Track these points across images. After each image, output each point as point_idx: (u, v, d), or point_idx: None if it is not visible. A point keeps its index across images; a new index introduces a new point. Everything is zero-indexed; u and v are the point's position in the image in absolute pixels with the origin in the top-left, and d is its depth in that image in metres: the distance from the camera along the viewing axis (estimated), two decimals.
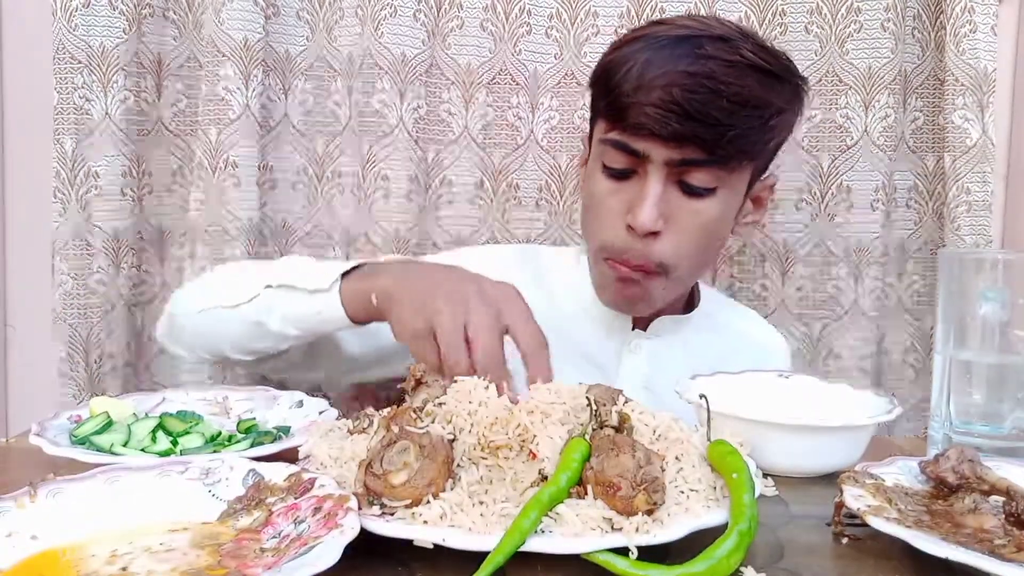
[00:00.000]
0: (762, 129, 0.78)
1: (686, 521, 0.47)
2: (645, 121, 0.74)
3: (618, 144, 0.78)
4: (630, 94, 0.76)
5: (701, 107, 0.73)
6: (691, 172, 0.77)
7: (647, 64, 0.76)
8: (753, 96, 0.75)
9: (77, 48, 1.06)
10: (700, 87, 0.73)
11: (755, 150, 0.79)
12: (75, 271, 1.08)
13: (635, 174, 0.79)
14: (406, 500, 0.46)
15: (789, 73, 0.81)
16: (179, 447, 0.62)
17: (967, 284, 0.68)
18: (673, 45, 0.76)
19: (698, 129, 0.74)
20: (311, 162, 1.17)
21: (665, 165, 0.77)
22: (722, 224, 0.83)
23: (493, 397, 0.54)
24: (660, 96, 0.74)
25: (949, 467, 0.53)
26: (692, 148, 0.75)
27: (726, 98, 0.74)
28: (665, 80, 0.74)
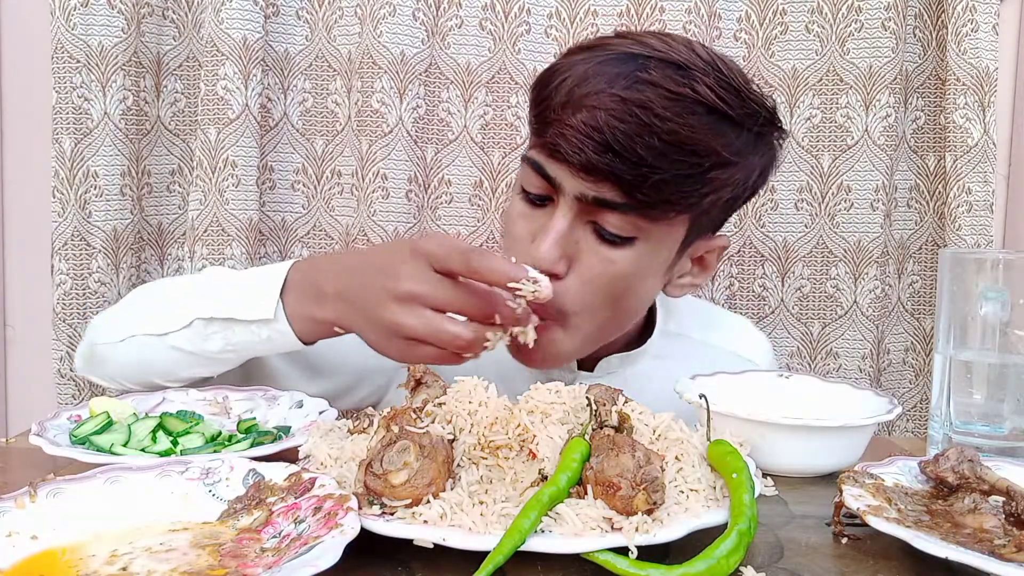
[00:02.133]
0: (697, 179, 0.65)
1: (686, 521, 0.47)
2: (560, 143, 0.64)
3: (534, 164, 0.68)
4: (555, 110, 0.66)
5: (626, 140, 0.62)
6: (605, 214, 0.66)
7: (582, 79, 0.65)
8: (692, 139, 0.63)
9: (76, 47, 1.06)
10: (630, 115, 0.62)
11: (684, 202, 0.66)
12: (74, 271, 1.08)
13: (551, 202, 0.69)
14: (406, 500, 0.46)
15: (751, 120, 0.67)
16: (179, 447, 0.62)
17: (967, 284, 0.68)
18: (618, 63, 0.65)
19: (616, 165, 0.63)
20: (310, 161, 1.17)
21: (576, 200, 0.66)
22: (639, 280, 0.71)
23: (493, 397, 0.54)
24: (583, 118, 0.63)
25: (949, 467, 0.53)
26: (607, 186, 0.64)
27: (657, 135, 0.62)
28: (594, 101, 0.64)
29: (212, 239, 1.09)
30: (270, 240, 1.17)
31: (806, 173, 1.16)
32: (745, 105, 0.67)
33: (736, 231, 1.17)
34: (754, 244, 1.18)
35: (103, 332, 0.75)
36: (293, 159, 1.16)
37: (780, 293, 1.18)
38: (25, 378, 1.23)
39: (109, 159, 1.08)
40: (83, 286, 1.08)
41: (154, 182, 1.16)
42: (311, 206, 1.17)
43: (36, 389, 1.20)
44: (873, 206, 1.14)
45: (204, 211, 1.09)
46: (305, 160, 1.17)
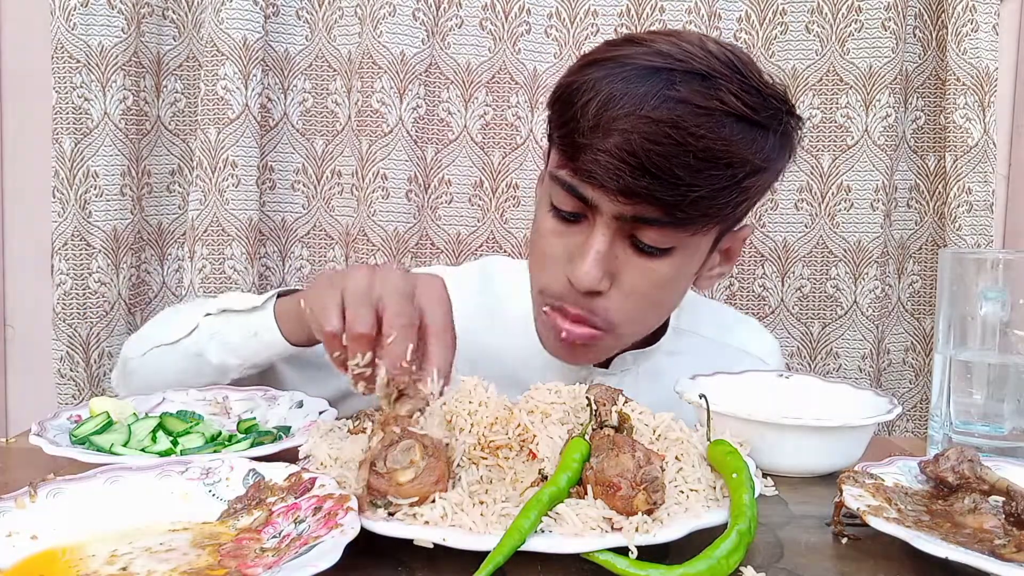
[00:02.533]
0: (734, 190, 0.65)
1: (686, 521, 0.47)
2: (596, 169, 0.64)
3: (567, 186, 0.67)
4: (585, 133, 0.65)
5: (662, 161, 0.62)
6: (644, 230, 0.66)
7: (608, 100, 0.64)
8: (727, 152, 0.63)
9: (76, 47, 1.06)
10: (664, 137, 0.62)
11: (721, 213, 0.67)
12: (74, 271, 1.08)
13: (585, 219, 0.69)
14: (414, 497, 0.46)
15: (778, 120, 0.68)
16: (179, 447, 0.62)
17: (967, 284, 0.68)
18: (642, 78, 0.64)
19: (655, 187, 0.62)
20: (310, 161, 1.17)
21: (615, 219, 0.66)
22: (677, 283, 0.73)
23: (493, 397, 0.54)
24: (616, 143, 0.62)
25: (949, 467, 0.53)
26: (646, 206, 0.64)
27: (693, 153, 0.62)
28: (625, 124, 0.63)
29: (212, 239, 1.09)
30: (270, 240, 1.17)
31: (806, 173, 1.16)
32: (768, 105, 0.67)
33: None
34: (754, 244, 1.18)
35: (131, 347, 0.80)
36: (293, 159, 1.16)
37: (780, 293, 1.18)
38: (25, 378, 1.23)
39: (109, 159, 1.08)
40: (83, 286, 1.08)
41: (154, 182, 1.16)
42: (311, 206, 1.18)
43: (36, 389, 1.20)
44: (873, 206, 1.14)
45: (204, 211, 1.09)
46: (305, 160, 1.17)
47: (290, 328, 0.69)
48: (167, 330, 0.76)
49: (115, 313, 1.11)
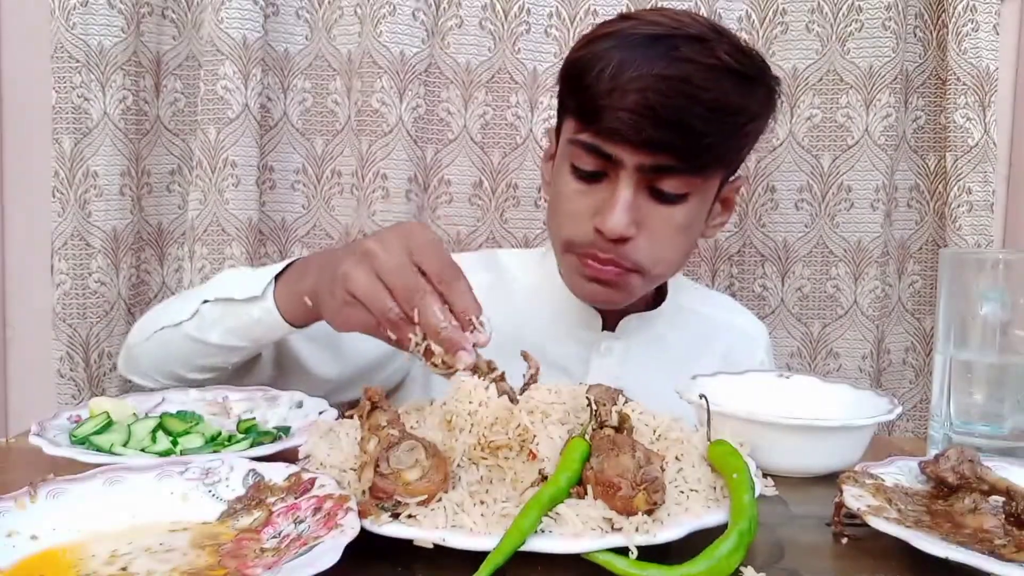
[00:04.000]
0: (737, 135, 0.76)
1: (686, 521, 0.47)
2: (619, 126, 0.72)
3: (589, 147, 0.75)
4: (603, 96, 0.72)
5: (677, 113, 0.71)
6: (663, 179, 0.75)
7: (621, 65, 0.72)
8: (730, 102, 0.73)
9: (75, 47, 1.06)
10: (676, 92, 0.71)
11: (729, 157, 0.78)
12: (74, 271, 1.08)
13: (606, 176, 0.77)
14: (421, 496, 0.46)
15: (763, 75, 0.78)
16: (179, 447, 0.62)
17: (968, 284, 0.68)
18: (647, 45, 0.73)
19: (673, 136, 0.71)
20: (310, 161, 1.17)
21: (637, 170, 0.74)
22: (694, 228, 0.81)
23: (493, 397, 0.54)
24: (635, 100, 0.71)
25: (949, 467, 0.53)
26: (666, 155, 0.73)
27: (703, 104, 0.71)
28: (640, 83, 0.71)
29: (212, 239, 1.09)
30: (270, 240, 1.17)
31: (806, 173, 1.16)
32: (754, 63, 0.76)
33: (736, 231, 1.18)
34: (754, 244, 1.18)
35: (135, 334, 0.82)
36: (293, 159, 1.16)
37: (780, 293, 1.18)
38: (25, 378, 1.23)
39: (109, 159, 1.08)
40: (83, 286, 1.08)
41: (154, 182, 1.16)
42: (311, 206, 1.17)
43: (36, 389, 1.20)
44: (873, 206, 1.14)
45: (204, 211, 1.09)
46: (305, 160, 1.17)
47: (293, 313, 0.70)
48: (170, 314, 0.77)
49: (115, 313, 1.11)
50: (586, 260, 0.79)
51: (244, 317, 0.71)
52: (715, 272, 1.18)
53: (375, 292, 0.58)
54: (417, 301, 0.57)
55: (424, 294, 0.58)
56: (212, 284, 0.77)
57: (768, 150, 1.16)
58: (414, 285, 0.58)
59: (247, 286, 0.71)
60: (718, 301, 1.01)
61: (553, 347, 0.87)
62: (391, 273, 0.58)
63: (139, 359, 0.81)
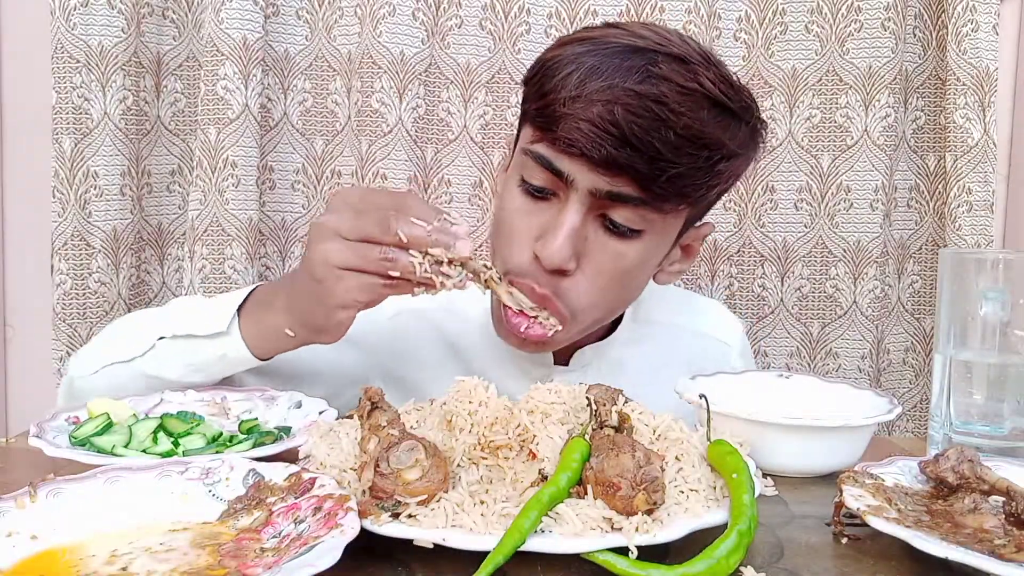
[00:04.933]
0: (708, 172, 0.66)
1: (686, 521, 0.47)
2: (576, 137, 0.63)
3: (542, 159, 0.67)
4: (565, 103, 0.65)
5: (643, 134, 0.62)
6: (617, 208, 0.66)
7: (591, 72, 0.65)
8: (705, 133, 0.64)
9: (76, 47, 1.06)
10: (646, 111, 0.62)
11: (695, 194, 0.68)
12: (74, 271, 1.08)
13: (555, 196, 0.68)
14: (422, 496, 0.46)
15: (749, 114, 0.69)
16: (181, 448, 0.62)
17: (967, 284, 0.68)
18: (624, 55, 0.65)
19: (635, 159, 0.63)
20: (310, 162, 1.17)
21: (590, 194, 0.66)
22: (642, 271, 0.72)
23: (493, 397, 0.54)
24: (599, 112, 0.63)
25: (949, 467, 0.53)
26: (624, 180, 0.64)
27: (674, 129, 0.63)
28: (608, 95, 0.63)
29: (212, 239, 1.09)
30: (270, 240, 1.17)
31: (806, 173, 1.16)
32: (741, 98, 0.68)
33: (736, 231, 1.18)
34: (754, 244, 1.18)
35: (79, 366, 0.75)
36: (293, 159, 1.16)
37: (780, 293, 1.18)
38: (25, 378, 1.23)
39: (109, 159, 1.08)
40: (83, 286, 1.08)
41: (154, 182, 1.16)
42: (311, 206, 1.17)
43: (36, 389, 1.20)
44: (873, 206, 1.14)
45: (204, 211, 1.09)
46: (305, 160, 1.17)
47: (262, 347, 0.67)
48: (118, 346, 0.71)
49: (115, 313, 1.11)
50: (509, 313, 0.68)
51: (206, 353, 0.67)
52: (715, 272, 1.18)
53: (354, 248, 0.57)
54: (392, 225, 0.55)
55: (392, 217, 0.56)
56: (165, 315, 0.71)
57: (768, 150, 1.16)
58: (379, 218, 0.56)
59: (208, 320, 0.66)
60: (684, 306, 0.93)
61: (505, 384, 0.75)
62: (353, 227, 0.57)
63: (84, 393, 0.73)
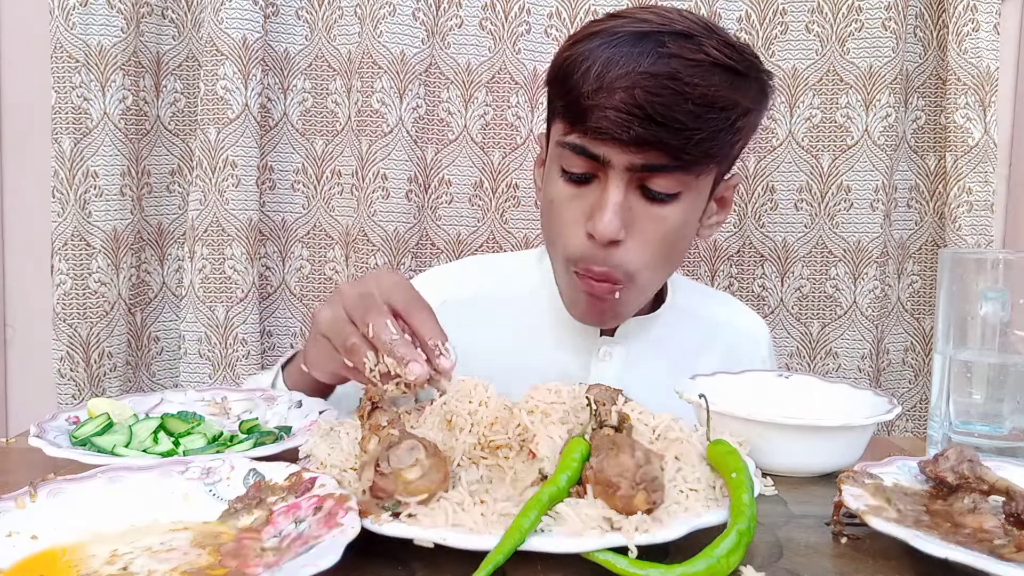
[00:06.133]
0: (729, 131, 0.73)
1: (686, 520, 0.47)
2: (606, 125, 0.70)
3: (577, 148, 0.74)
4: (590, 96, 0.71)
5: (665, 110, 0.69)
6: (654, 178, 0.73)
7: (607, 63, 0.71)
8: (719, 97, 0.71)
9: (75, 47, 1.06)
10: (664, 88, 0.69)
11: (721, 153, 0.75)
12: (74, 271, 1.08)
13: (595, 179, 0.75)
14: (422, 495, 0.46)
15: (755, 70, 0.76)
16: (181, 448, 0.62)
17: (967, 284, 0.68)
18: (633, 42, 0.71)
19: (662, 133, 0.70)
20: (310, 162, 1.17)
21: (626, 170, 0.72)
22: (686, 229, 0.78)
23: (493, 397, 0.54)
24: (622, 98, 0.69)
25: (949, 467, 0.53)
26: (655, 153, 0.71)
27: (691, 100, 0.69)
28: (627, 81, 0.69)
29: (212, 239, 1.09)
30: (270, 240, 1.17)
31: (806, 173, 1.16)
32: (744, 58, 0.74)
33: (736, 231, 1.18)
34: (754, 244, 1.18)
35: None
36: (293, 159, 1.16)
37: (780, 293, 1.18)
38: (25, 378, 1.23)
39: (109, 159, 1.08)
40: (83, 286, 1.08)
41: (154, 182, 1.16)
42: (311, 206, 1.18)
43: (36, 389, 1.20)
44: (873, 206, 1.14)
45: (204, 211, 1.09)
46: (305, 160, 1.17)
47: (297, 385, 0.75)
48: None
49: (115, 313, 1.11)
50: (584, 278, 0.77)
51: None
52: (715, 272, 1.18)
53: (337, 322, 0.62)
54: (371, 319, 0.60)
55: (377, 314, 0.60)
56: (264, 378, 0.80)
57: (768, 150, 1.16)
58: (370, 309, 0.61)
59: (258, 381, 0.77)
60: (719, 300, 1.00)
61: (552, 355, 0.87)
62: (353, 305, 0.62)
63: None
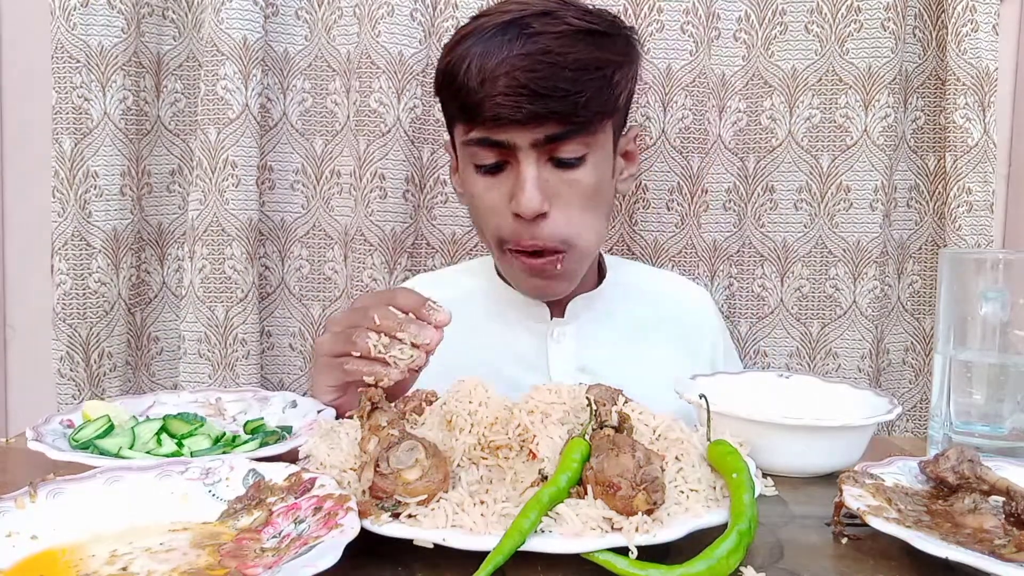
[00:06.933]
0: (609, 87, 0.78)
1: (686, 521, 0.47)
2: (499, 111, 0.75)
3: (482, 141, 0.79)
4: (477, 90, 0.76)
5: (547, 82, 0.74)
6: (559, 147, 0.78)
7: (484, 56, 0.76)
8: (591, 59, 0.76)
9: (76, 47, 1.06)
10: (539, 64, 0.75)
11: (609, 108, 0.80)
12: (74, 271, 1.08)
13: (507, 164, 0.80)
14: (422, 495, 0.46)
15: (616, 27, 0.82)
16: (186, 449, 0.61)
17: (967, 284, 0.68)
18: (502, 31, 0.77)
19: (551, 104, 0.75)
20: (309, 161, 1.17)
21: (532, 147, 0.77)
22: (602, 186, 0.83)
23: (494, 397, 0.54)
24: (505, 83, 0.75)
25: (949, 467, 0.53)
26: (552, 124, 0.76)
27: (567, 68, 0.75)
28: (505, 67, 0.75)
29: (212, 239, 1.09)
30: (270, 240, 1.17)
31: (805, 173, 1.16)
32: (603, 19, 0.81)
33: (736, 231, 1.18)
34: (753, 244, 1.18)
35: None
36: (292, 159, 1.16)
37: (779, 293, 1.18)
38: (25, 378, 1.23)
39: (109, 159, 1.08)
40: (83, 286, 1.08)
41: (154, 182, 1.16)
42: (310, 206, 1.17)
43: (36, 389, 1.20)
44: (872, 206, 1.14)
45: (204, 211, 1.09)
46: (304, 160, 1.17)
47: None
48: None
49: (115, 313, 1.11)
50: (519, 257, 0.82)
51: None
52: (714, 272, 1.18)
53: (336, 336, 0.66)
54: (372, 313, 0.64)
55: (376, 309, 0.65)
56: None
57: (767, 150, 1.16)
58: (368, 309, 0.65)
59: None
60: (662, 276, 1.05)
61: (510, 344, 0.92)
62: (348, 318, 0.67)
63: None
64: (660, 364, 0.90)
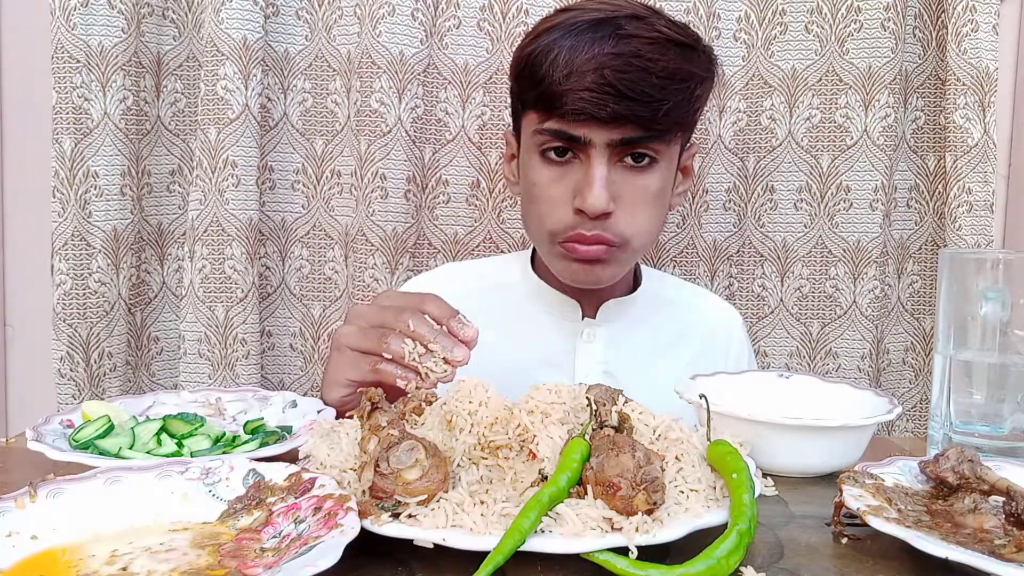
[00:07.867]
0: (690, 99, 0.79)
1: (686, 521, 0.47)
2: (583, 106, 0.75)
3: (557, 132, 0.79)
4: (561, 82, 0.76)
5: (634, 86, 0.75)
6: (632, 150, 0.79)
7: (573, 50, 0.76)
8: (679, 69, 0.77)
9: (76, 47, 1.06)
10: (629, 66, 0.75)
11: (687, 120, 0.82)
12: (74, 271, 1.08)
13: (576, 159, 0.80)
14: (422, 496, 0.46)
15: (700, 43, 0.83)
16: (187, 449, 0.61)
17: (967, 284, 0.68)
18: (593, 28, 0.77)
19: (635, 108, 0.75)
20: (310, 161, 1.17)
21: (607, 146, 0.78)
22: (664, 195, 0.84)
23: (494, 397, 0.54)
24: (593, 80, 0.75)
25: (949, 467, 0.53)
26: (631, 127, 0.77)
27: (655, 74, 0.75)
28: (595, 64, 0.75)
29: (212, 239, 1.09)
30: (270, 240, 1.17)
31: (805, 173, 1.16)
32: (689, 33, 0.82)
33: (736, 231, 1.18)
34: (753, 244, 1.18)
35: None
36: (293, 159, 1.16)
37: (779, 293, 1.18)
38: (25, 378, 1.23)
39: (109, 159, 1.08)
40: (83, 286, 1.08)
41: (154, 182, 1.16)
42: (311, 206, 1.18)
43: (36, 389, 1.20)
44: (872, 206, 1.14)
45: (204, 211, 1.09)
46: (305, 160, 1.17)
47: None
48: None
49: (115, 313, 1.11)
50: (572, 246, 0.81)
51: None
52: (714, 272, 1.18)
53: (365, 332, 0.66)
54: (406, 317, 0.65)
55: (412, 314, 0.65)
56: None
57: (767, 150, 1.16)
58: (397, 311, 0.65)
59: None
60: (692, 290, 1.05)
61: (538, 341, 0.92)
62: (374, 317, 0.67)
63: None
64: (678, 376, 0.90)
